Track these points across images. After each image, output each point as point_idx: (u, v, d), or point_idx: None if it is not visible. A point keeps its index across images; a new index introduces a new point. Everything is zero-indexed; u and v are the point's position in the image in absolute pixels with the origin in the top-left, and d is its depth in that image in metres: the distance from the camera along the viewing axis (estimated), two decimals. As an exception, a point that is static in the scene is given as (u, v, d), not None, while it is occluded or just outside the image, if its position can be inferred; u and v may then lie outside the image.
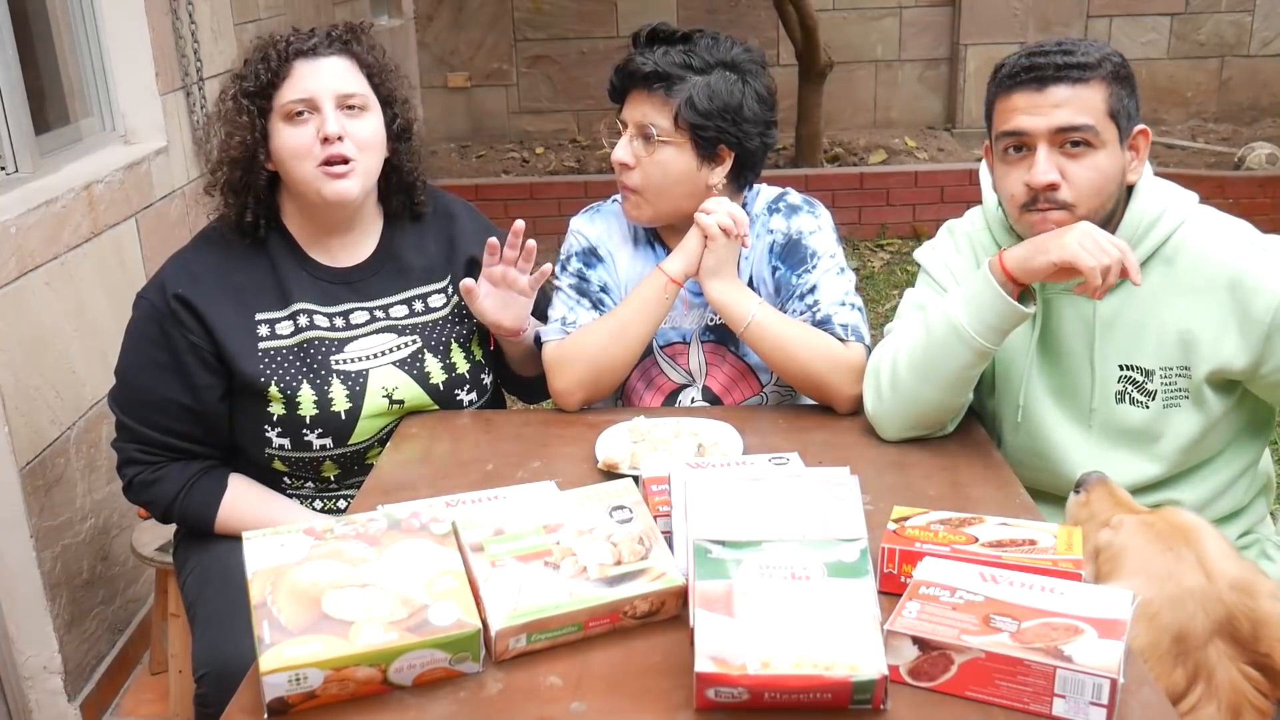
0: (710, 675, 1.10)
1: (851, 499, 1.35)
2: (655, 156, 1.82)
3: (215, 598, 1.76)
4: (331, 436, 1.81)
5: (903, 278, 5.22)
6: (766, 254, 1.93)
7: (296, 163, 1.74)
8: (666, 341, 1.97)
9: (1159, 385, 1.66)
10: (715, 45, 1.83)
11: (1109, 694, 1.08)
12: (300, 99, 1.73)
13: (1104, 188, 1.59)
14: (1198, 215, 1.65)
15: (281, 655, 1.14)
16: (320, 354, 1.82)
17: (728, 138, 1.82)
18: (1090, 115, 1.56)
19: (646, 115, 1.82)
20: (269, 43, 1.78)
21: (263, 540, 1.27)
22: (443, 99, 7.33)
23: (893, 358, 1.70)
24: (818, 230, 1.92)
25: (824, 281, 1.87)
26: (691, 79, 1.80)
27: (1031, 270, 1.55)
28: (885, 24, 7.18)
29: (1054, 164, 1.58)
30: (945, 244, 1.82)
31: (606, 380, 1.89)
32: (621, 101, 1.88)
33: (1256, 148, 5.90)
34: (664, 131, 1.81)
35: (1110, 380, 1.68)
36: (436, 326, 1.91)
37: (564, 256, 2.00)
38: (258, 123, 1.75)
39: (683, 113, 1.80)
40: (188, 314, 1.77)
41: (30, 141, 2.56)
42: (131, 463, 1.83)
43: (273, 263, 1.83)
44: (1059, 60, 1.57)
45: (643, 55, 1.82)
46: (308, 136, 1.73)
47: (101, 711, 2.52)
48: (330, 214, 1.82)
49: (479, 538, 1.31)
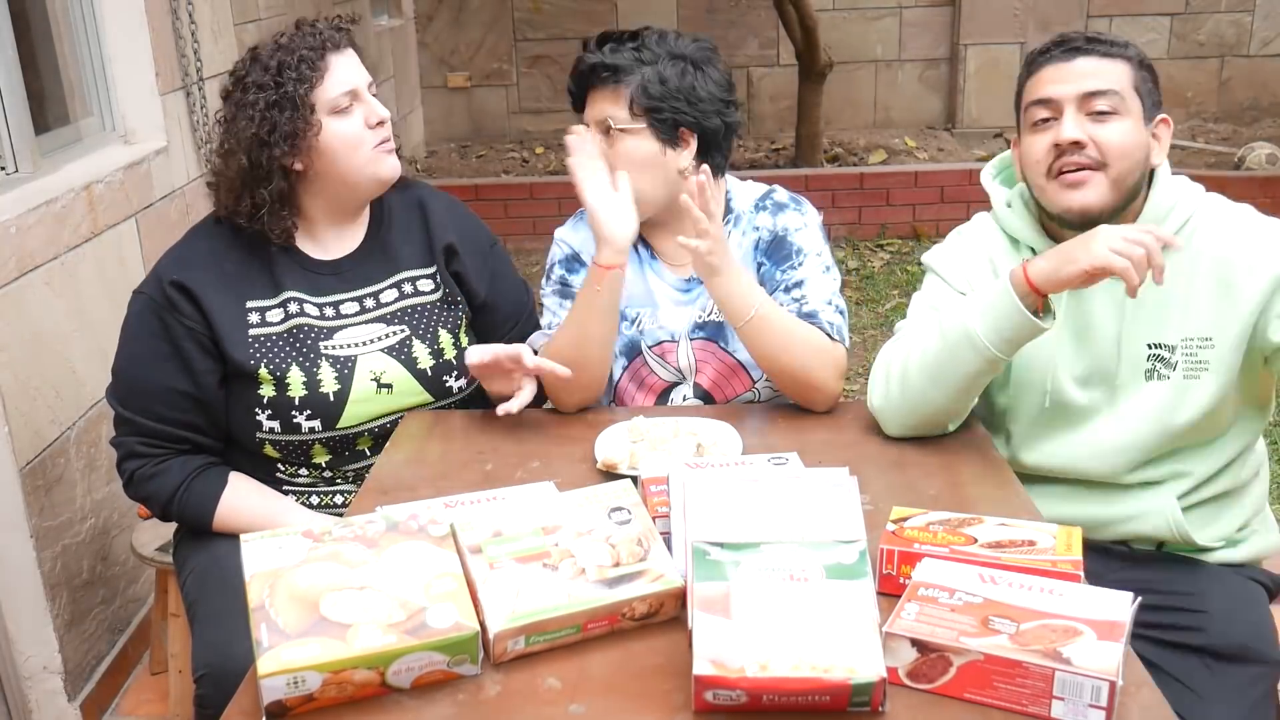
0: (708, 678, 1.10)
1: (851, 499, 1.35)
2: (618, 148, 1.85)
3: (215, 598, 1.77)
4: (320, 418, 1.82)
5: (903, 278, 5.22)
6: (752, 250, 1.94)
7: (353, 151, 1.80)
8: (655, 341, 1.98)
9: (1180, 357, 1.66)
10: (663, 39, 1.87)
11: (1108, 696, 1.08)
12: (346, 91, 1.79)
13: (1131, 153, 1.61)
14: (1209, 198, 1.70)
15: (279, 658, 1.13)
16: (310, 339, 1.84)
17: (685, 119, 1.85)
18: (1117, 83, 1.61)
19: (603, 110, 1.86)
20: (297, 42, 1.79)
21: (261, 542, 1.27)
22: (443, 99, 7.33)
23: (904, 359, 1.70)
24: (804, 227, 1.93)
25: (811, 277, 1.89)
26: (642, 69, 1.84)
27: (1061, 280, 1.54)
28: (885, 24, 7.18)
29: (1081, 127, 1.61)
30: (954, 244, 1.82)
31: (588, 382, 1.89)
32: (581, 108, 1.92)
33: (1256, 148, 5.90)
34: (621, 121, 1.84)
35: (1140, 359, 1.68)
36: (425, 312, 1.93)
37: (548, 266, 2.03)
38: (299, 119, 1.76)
39: (637, 99, 1.83)
40: (184, 300, 1.79)
41: (30, 141, 2.56)
42: (132, 456, 1.84)
43: (264, 253, 1.86)
44: (1090, 35, 1.65)
45: (592, 53, 1.87)
46: (358, 125, 1.80)
47: (101, 711, 2.52)
48: (366, 198, 1.90)
49: (477, 539, 1.31)
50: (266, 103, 1.75)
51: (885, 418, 1.75)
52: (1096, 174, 1.61)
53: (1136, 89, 1.63)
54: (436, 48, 7.28)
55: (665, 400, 2.00)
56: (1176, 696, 1.53)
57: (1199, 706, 1.56)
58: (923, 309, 1.79)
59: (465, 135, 7.37)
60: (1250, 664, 1.61)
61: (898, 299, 4.93)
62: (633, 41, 1.87)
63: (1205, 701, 1.57)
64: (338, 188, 1.84)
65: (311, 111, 1.77)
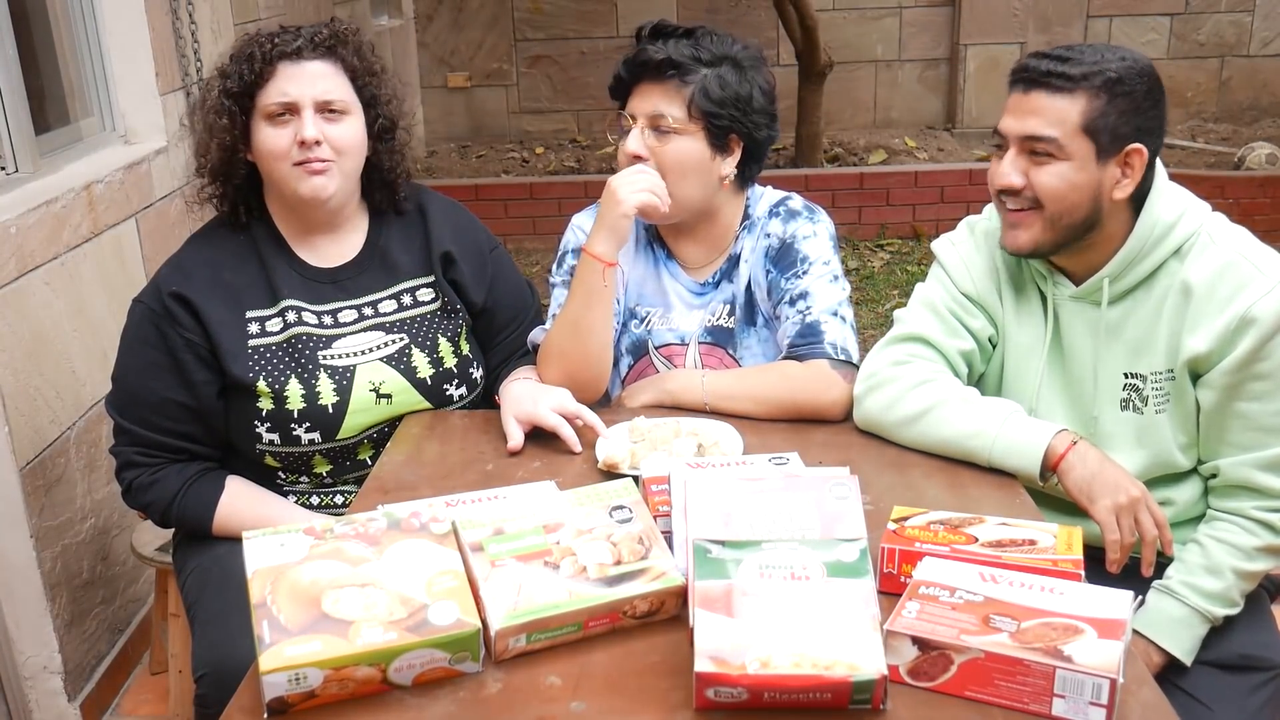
0: (710, 675, 1.10)
1: (851, 499, 1.35)
2: (668, 146, 1.82)
3: (215, 598, 1.77)
4: (320, 431, 1.82)
5: (903, 278, 5.22)
6: (762, 258, 1.92)
7: (275, 162, 1.79)
8: (663, 343, 1.97)
9: (1151, 390, 1.67)
10: (719, 41, 1.85)
11: (1108, 694, 1.08)
12: (281, 102, 1.77)
13: (1067, 196, 1.59)
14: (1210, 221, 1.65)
15: (281, 655, 1.14)
16: (308, 349, 1.83)
17: (739, 127, 1.83)
18: (1057, 128, 1.57)
19: (658, 105, 1.82)
20: (254, 41, 1.80)
21: (263, 540, 1.27)
22: (443, 99, 7.33)
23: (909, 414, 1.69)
24: (812, 236, 1.90)
25: (816, 287, 1.86)
26: (701, 70, 1.81)
27: (1079, 496, 1.54)
28: (885, 24, 7.17)
29: (1019, 167, 1.61)
30: (965, 241, 1.81)
31: (584, 376, 1.87)
32: (625, 97, 1.88)
33: (1256, 148, 5.90)
34: (678, 121, 1.81)
35: (1115, 388, 1.69)
36: (424, 321, 1.92)
37: (561, 252, 2.00)
38: (239, 119, 1.79)
39: (696, 101, 1.80)
40: (183, 311, 1.78)
41: (30, 141, 2.56)
42: (130, 466, 1.84)
43: (263, 262, 1.85)
44: (1045, 67, 1.57)
45: (654, 45, 1.82)
46: (286, 139, 1.77)
47: (101, 711, 2.52)
48: (310, 211, 1.85)
49: (479, 537, 1.31)
50: (222, 90, 1.79)
51: (860, 414, 1.76)
52: (1032, 214, 1.61)
53: (1088, 128, 1.56)
54: (436, 48, 7.28)
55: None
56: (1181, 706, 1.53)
57: (1204, 714, 1.56)
58: (920, 308, 1.79)
59: (465, 135, 7.36)
60: (1253, 671, 1.62)
61: (898, 299, 4.93)
62: (689, 38, 1.83)
63: (1212, 713, 1.57)
64: (280, 190, 1.83)
65: (249, 112, 1.78)
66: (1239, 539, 1.62)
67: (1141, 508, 1.50)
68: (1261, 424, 1.60)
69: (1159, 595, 1.63)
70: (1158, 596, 1.63)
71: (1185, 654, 1.61)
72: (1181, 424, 1.67)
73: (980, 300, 1.76)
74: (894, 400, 1.71)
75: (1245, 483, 1.63)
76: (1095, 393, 1.69)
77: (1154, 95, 1.59)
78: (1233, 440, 1.63)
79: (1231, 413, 1.61)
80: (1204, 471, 1.70)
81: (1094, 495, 1.52)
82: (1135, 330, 1.66)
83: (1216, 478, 1.67)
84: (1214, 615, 1.61)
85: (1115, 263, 1.63)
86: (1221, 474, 1.65)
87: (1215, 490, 1.68)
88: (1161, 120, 1.61)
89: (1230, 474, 1.64)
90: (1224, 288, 1.58)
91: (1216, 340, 1.58)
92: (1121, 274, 1.64)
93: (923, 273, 1.89)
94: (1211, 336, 1.58)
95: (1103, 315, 1.66)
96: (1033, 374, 1.73)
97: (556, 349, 1.88)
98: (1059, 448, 1.56)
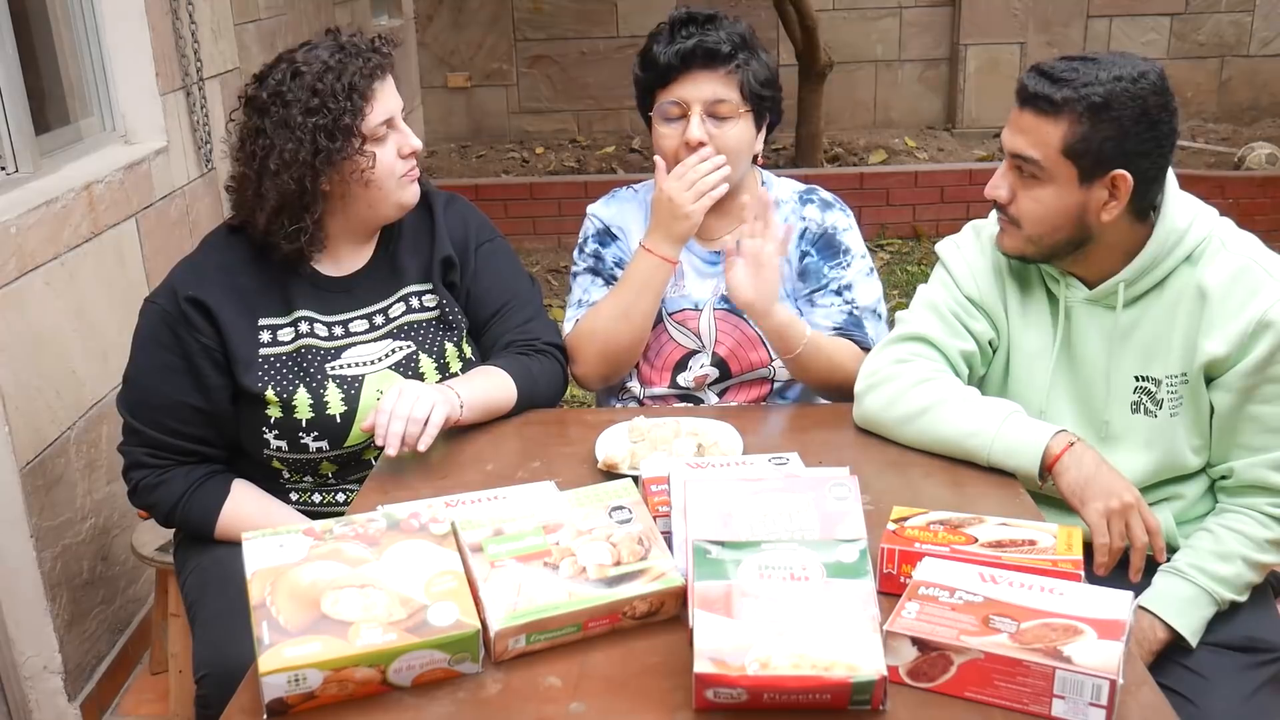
0: (709, 676, 1.10)
1: (851, 499, 1.35)
2: (728, 131, 1.87)
3: (215, 598, 1.77)
4: (328, 439, 1.82)
5: (903, 278, 5.22)
6: (798, 239, 1.98)
7: (390, 178, 1.79)
8: (677, 308, 2.02)
9: (1165, 394, 1.67)
10: (735, 24, 1.90)
11: (1108, 695, 1.08)
12: (384, 120, 1.77)
13: (1047, 219, 1.61)
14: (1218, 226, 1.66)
15: (280, 656, 1.14)
16: (316, 361, 1.82)
17: (775, 108, 1.94)
18: (1039, 150, 1.58)
19: (716, 92, 1.86)
20: (342, 66, 1.73)
21: (262, 540, 1.27)
22: (443, 99, 7.33)
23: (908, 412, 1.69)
24: (850, 229, 2.00)
25: (859, 281, 1.96)
26: (747, 55, 1.88)
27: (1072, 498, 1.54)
28: (885, 24, 7.17)
29: (1008, 181, 1.64)
30: (970, 244, 1.82)
31: (623, 360, 1.97)
32: (661, 87, 1.89)
33: (1256, 148, 5.90)
34: (736, 105, 1.87)
35: (1126, 391, 1.69)
36: (429, 326, 1.92)
37: (580, 241, 2.06)
38: (349, 153, 1.74)
39: (748, 85, 1.87)
40: (199, 315, 1.78)
41: (30, 141, 2.56)
42: (138, 466, 1.84)
43: (276, 269, 1.84)
44: (1033, 88, 1.58)
45: (705, 33, 1.86)
46: (391, 154, 1.79)
47: (102, 711, 2.52)
48: (384, 221, 1.88)
49: (478, 538, 1.31)
50: (316, 127, 1.70)
51: (860, 412, 1.77)
52: (1014, 227, 1.65)
53: (1068, 152, 1.56)
54: (436, 48, 7.28)
55: (683, 368, 2.02)
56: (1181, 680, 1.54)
57: (1203, 686, 1.57)
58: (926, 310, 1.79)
59: (465, 135, 7.36)
60: (1255, 652, 1.62)
61: (898, 299, 4.93)
62: (715, 25, 1.87)
63: (1210, 683, 1.57)
64: (361, 210, 1.83)
65: (363, 141, 1.74)
66: (1251, 530, 1.63)
67: (1133, 513, 1.50)
68: (1275, 426, 1.62)
69: (1166, 576, 1.64)
70: (1165, 578, 1.64)
71: (1192, 633, 1.60)
72: (1195, 426, 1.67)
73: (983, 303, 1.77)
74: (894, 398, 1.71)
75: (1260, 482, 1.64)
76: (1107, 396, 1.70)
77: (1148, 117, 1.56)
78: (1246, 442, 1.64)
79: (1245, 415, 1.63)
80: (1215, 473, 1.70)
81: (1086, 498, 1.52)
82: (1148, 334, 1.67)
83: (1229, 478, 1.68)
84: (1221, 597, 1.62)
85: (1132, 268, 1.64)
86: (1236, 475, 1.66)
87: (1228, 489, 1.69)
88: (1159, 140, 1.58)
89: (1245, 475, 1.65)
90: (1239, 292, 1.59)
91: (1233, 344, 1.59)
92: (1136, 279, 1.65)
93: (923, 272, 1.90)
94: (1228, 340, 1.59)
95: (1117, 319, 1.67)
96: (1041, 377, 1.74)
97: (603, 332, 1.94)
98: (1056, 449, 1.56)
